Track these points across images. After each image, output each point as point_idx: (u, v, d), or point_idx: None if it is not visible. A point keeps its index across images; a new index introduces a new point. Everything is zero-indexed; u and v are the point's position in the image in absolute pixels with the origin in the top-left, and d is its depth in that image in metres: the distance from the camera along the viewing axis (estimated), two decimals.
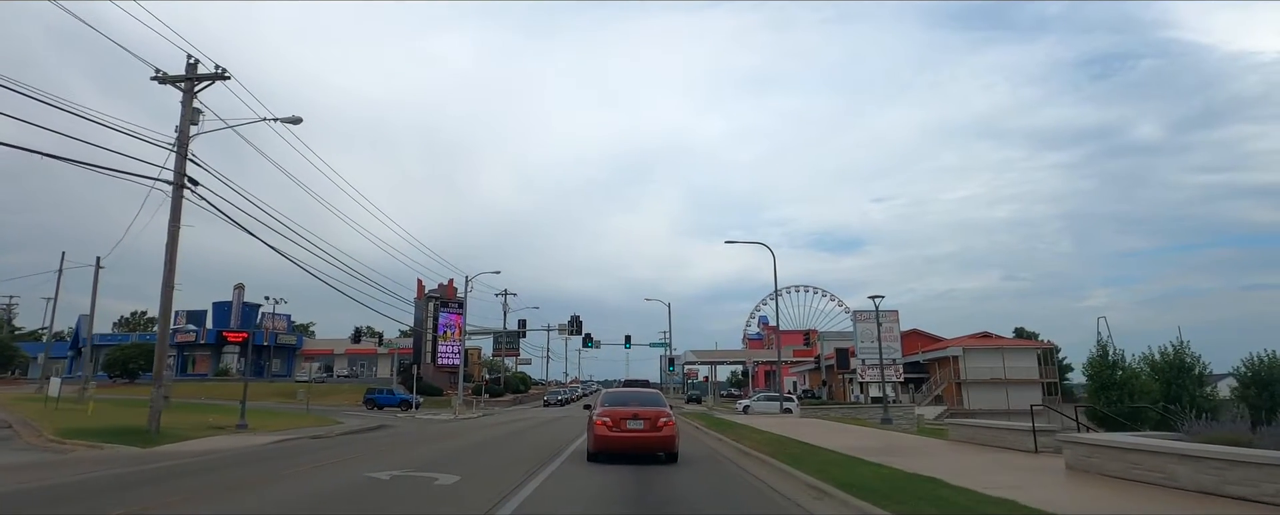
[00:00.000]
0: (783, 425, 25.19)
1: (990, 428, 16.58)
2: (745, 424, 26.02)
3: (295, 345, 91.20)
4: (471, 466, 13.74)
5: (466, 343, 74.61)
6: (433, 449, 18.77)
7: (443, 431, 28.39)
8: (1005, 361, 61.88)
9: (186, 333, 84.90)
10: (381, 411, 49.23)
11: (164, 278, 21.72)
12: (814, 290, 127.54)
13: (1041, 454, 13.62)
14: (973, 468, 11.57)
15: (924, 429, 28.41)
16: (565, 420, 35.00)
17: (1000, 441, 15.46)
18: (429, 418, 41.62)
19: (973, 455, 13.84)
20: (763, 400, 51.37)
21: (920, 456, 13.54)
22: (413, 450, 18.26)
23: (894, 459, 12.67)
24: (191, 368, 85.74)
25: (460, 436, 24.41)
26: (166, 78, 22.72)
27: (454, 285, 71.81)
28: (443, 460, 14.99)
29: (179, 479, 11.89)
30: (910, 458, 13.12)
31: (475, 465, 14.04)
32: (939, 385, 64.13)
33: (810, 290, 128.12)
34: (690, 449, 17.69)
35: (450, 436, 24.56)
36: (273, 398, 63.16)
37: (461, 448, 19.00)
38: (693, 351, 79.40)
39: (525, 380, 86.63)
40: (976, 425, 17.47)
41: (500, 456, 16.25)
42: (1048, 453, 13.66)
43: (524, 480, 11.50)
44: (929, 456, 13.64)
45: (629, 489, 10.79)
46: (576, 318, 44.62)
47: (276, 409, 44.45)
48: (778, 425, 25.05)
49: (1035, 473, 11.04)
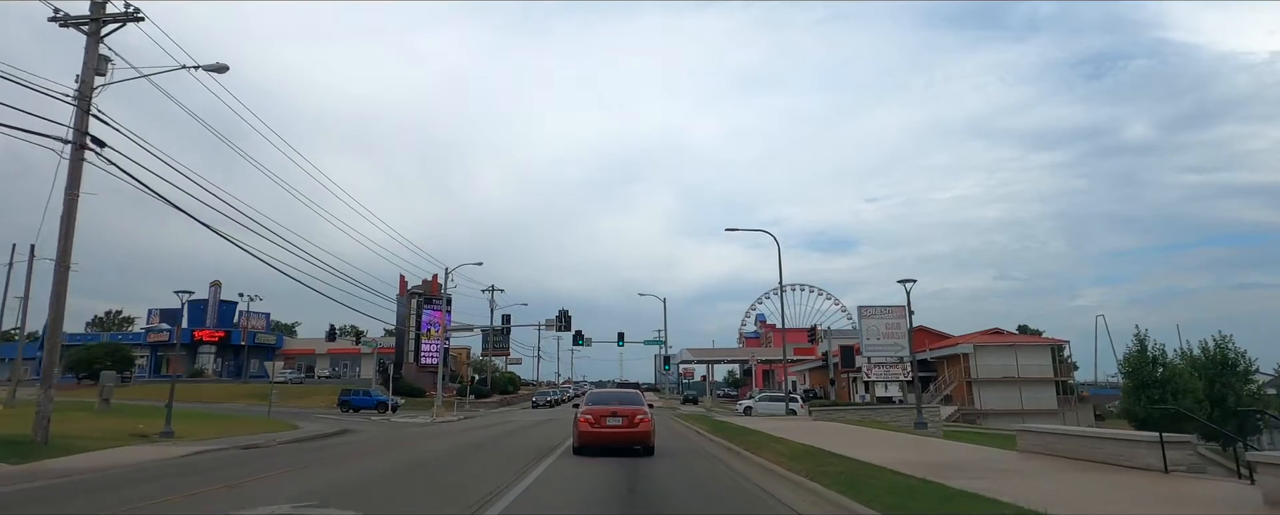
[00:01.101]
0: (800, 430, 21.63)
1: (1077, 437, 13.03)
2: (755, 428, 22.47)
3: (275, 345, 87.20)
4: (402, 494, 10.13)
5: (451, 341, 70.95)
6: (373, 464, 15.13)
7: (406, 438, 24.75)
8: (1018, 359, 58.51)
9: (159, 332, 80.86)
10: (356, 414, 45.56)
11: (57, 255, 18.00)
12: (811, 289, 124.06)
13: (1177, 475, 10.07)
14: (1120, 500, 8.03)
15: (971, 436, 24.79)
16: (550, 424, 31.40)
17: (1095, 455, 11.93)
18: (404, 421, 37.97)
19: (1085, 477, 10.26)
20: (765, 400, 47.83)
21: (1016, 478, 9.98)
22: (344, 467, 14.67)
23: (984, 483, 9.12)
24: (165, 369, 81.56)
25: (421, 445, 20.80)
26: (68, 19, 19.05)
27: (438, 281, 68.11)
28: (370, 483, 11.39)
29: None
30: (1004, 480, 9.57)
31: (408, 491, 10.43)
32: (949, 384, 60.70)
33: (808, 289, 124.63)
34: (702, 468, 14.12)
35: (409, 444, 20.96)
36: (243, 400, 59.36)
37: (411, 463, 15.35)
38: (689, 350, 75.80)
39: (514, 380, 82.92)
40: (1055, 433, 13.93)
41: (450, 478, 12.64)
42: (1182, 473, 10.14)
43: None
44: (1027, 478, 10.09)
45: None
46: (564, 312, 41.07)
47: (238, 412, 40.70)
48: (794, 430, 21.49)
49: (1232, 507, 7.48)
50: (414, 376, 66.35)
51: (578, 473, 12.85)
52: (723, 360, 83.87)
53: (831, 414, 26.21)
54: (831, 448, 14.97)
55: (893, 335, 60.51)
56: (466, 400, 60.44)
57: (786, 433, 20.09)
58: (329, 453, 18.63)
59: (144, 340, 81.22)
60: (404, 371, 66.48)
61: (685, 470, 13.24)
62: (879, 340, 59.19)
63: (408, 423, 36.72)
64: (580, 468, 13.63)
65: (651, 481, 11.50)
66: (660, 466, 13.82)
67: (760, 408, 46.70)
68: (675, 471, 12.92)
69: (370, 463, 15.62)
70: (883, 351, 56.61)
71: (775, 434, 19.52)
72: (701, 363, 79.65)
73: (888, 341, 58.54)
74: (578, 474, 12.64)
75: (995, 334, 62.09)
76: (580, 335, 56.53)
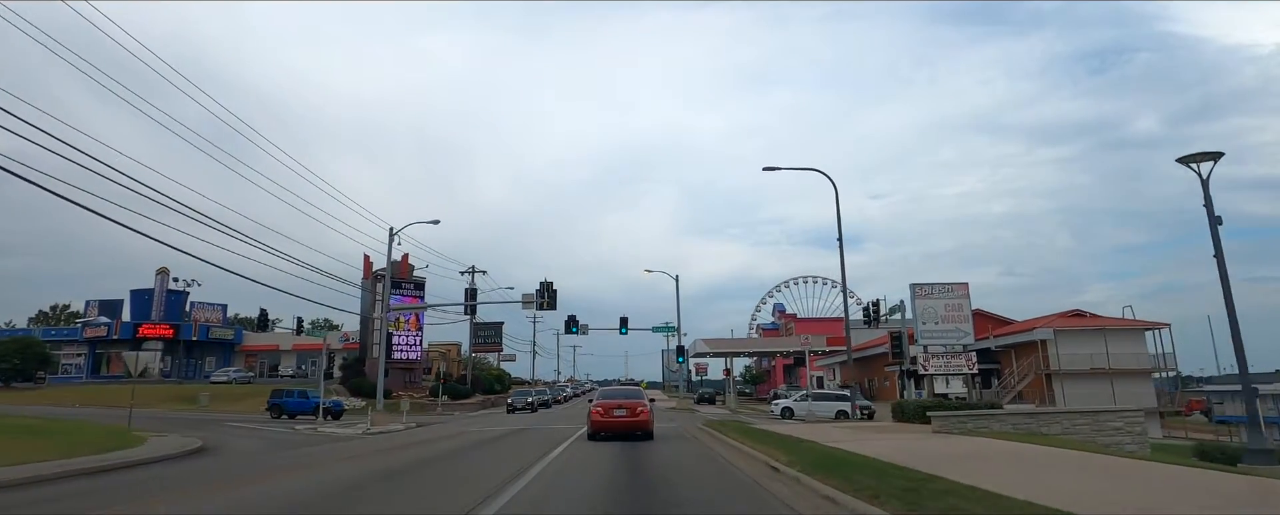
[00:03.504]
0: (947, 456, 11.46)
1: None
2: (860, 453, 12.31)
3: (233, 341, 77.22)
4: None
5: (424, 333, 60.81)
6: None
7: (275, 467, 14.83)
8: (1108, 346, 48.17)
9: (96, 326, 70.84)
10: (286, 420, 35.59)
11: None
12: (823, 281, 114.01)
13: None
14: None
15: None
16: (516, 438, 21.52)
17: None
18: (329, 433, 28.01)
19: None
20: (815, 400, 37.70)
21: None
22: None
23: None
24: (106, 368, 71.52)
25: (272, 481, 10.83)
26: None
27: (408, 262, 58.00)
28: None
29: None
30: None
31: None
32: (1021, 377, 50.32)
33: (820, 281, 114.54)
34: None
35: (257, 480, 11.04)
36: (166, 404, 49.34)
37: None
38: (703, 340, 65.44)
39: (502, 378, 72.71)
40: None
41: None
42: None
43: None
44: None
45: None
46: (548, 286, 30.98)
47: (108, 419, 30.65)
48: (938, 457, 11.31)
49: None
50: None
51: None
52: (744, 352, 73.43)
53: (964, 423, 16.13)
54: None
55: (954, 318, 49.87)
56: (439, 402, 50.39)
57: (957, 472, 9.90)
58: (101, 495, 8.70)
59: (79, 336, 71.25)
60: (368, 369, 56.43)
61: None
62: (937, 324, 48.88)
63: (330, 435, 26.75)
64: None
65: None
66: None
67: (806, 409, 36.61)
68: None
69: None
70: (942, 338, 46.54)
71: (927, 470, 9.36)
72: (718, 356, 69.20)
73: (948, 326, 48.29)
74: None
75: (1077, 316, 51.70)
76: (574, 322, 46.47)
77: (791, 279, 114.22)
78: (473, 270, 55.10)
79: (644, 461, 14.05)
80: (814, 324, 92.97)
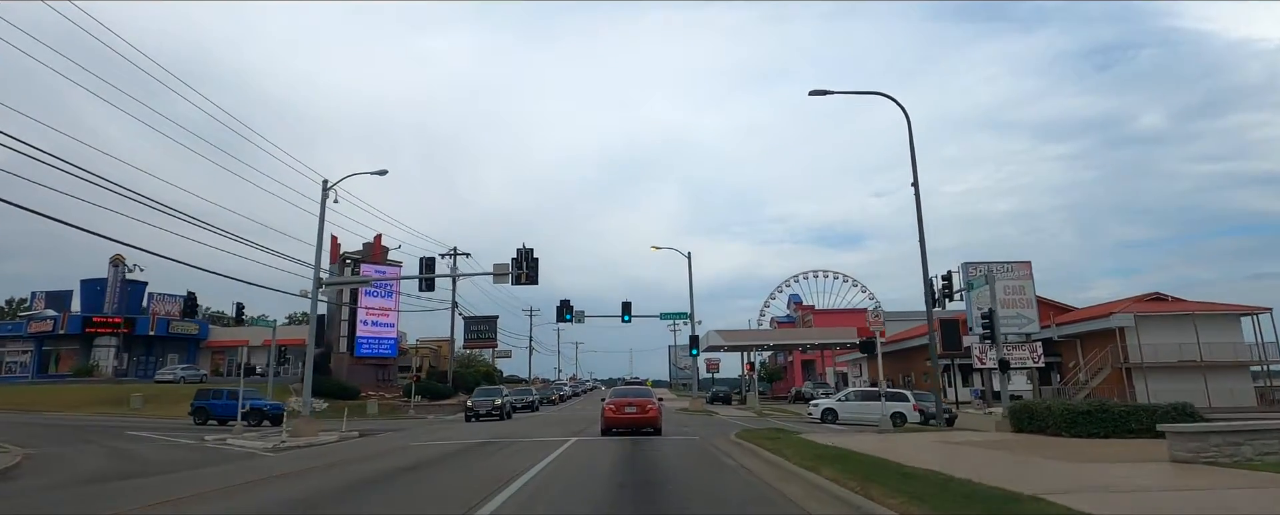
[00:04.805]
0: None
1: None
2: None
3: (198, 335, 69.89)
4: None
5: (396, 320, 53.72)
6: None
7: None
8: (1199, 335, 40.80)
9: (42, 320, 63.77)
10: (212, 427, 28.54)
11: None
12: (836, 276, 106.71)
13: None
14: None
15: None
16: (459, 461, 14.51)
17: None
18: (238, 445, 20.98)
19: None
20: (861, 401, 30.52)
21: None
22: None
23: None
24: (56, 366, 64.41)
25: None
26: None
27: (381, 242, 50.86)
28: None
29: None
30: None
31: None
32: (1094, 372, 42.95)
33: (833, 276, 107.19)
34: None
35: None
36: (92, 407, 42.23)
37: None
38: (717, 331, 58.09)
39: (492, 376, 65.40)
40: None
41: None
42: None
43: None
44: None
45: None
46: (527, 253, 23.77)
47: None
48: None
49: None
50: (348, 371, 49.20)
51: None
52: (763, 344, 65.97)
53: (1237, 446, 9.20)
54: None
55: (1016, 302, 42.74)
56: (412, 403, 43.29)
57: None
58: None
59: (24, 331, 64.19)
60: (334, 365, 49.36)
61: None
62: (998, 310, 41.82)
63: (226, 451, 19.71)
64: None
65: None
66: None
67: (854, 411, 29.41)
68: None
69: None
70: (1002, 326, 39.45)
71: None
72: (733, 349, 61.80)
73: (1008, 312, 41.16)
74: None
75: (1157, 300, 44.31)
76: (568, 308, 39.34)
77: (802, 273, 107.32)
78: (454, 252, 47.90)
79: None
80: (834, 316, 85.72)
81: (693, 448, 16.60)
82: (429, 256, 25.45)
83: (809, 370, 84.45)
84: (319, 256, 23.61)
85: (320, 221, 23.85)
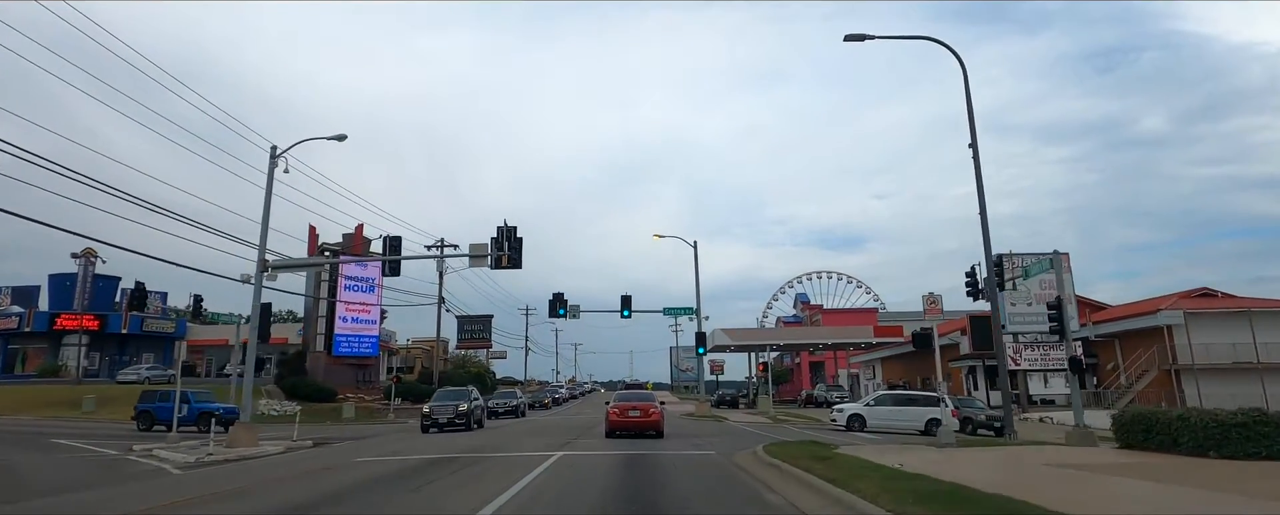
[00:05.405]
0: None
1: None
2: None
3: (174, 333, 66.11)
4: None
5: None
6: None
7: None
8: (1255, 333, 37.19)
9: (7, 317, 60.14)
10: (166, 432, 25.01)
11: None
12: (840, 277, 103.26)
13: None
14: None
15: None
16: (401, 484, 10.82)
17: None
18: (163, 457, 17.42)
19: None
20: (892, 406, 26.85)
21: None
22: None
23: None
24: (22, 365, 60.75)
25: None
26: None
27: (363, 232, 47.25)
28: None
29: None
30: None
31: None
32: (1138, 375, 39.29)
33: (837, 277, 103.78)
34: None
35: None
36: (41, 409, 38.61)
37: None
38: (723, 329, 54.43)
39: (483, 377, 61.72)
40: None
41: None
42: None
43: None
44: None
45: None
46: (511, 231, 20.18)
47: None
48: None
49: None
50: (325, 371, 45.58)
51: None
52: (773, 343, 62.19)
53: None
54: None
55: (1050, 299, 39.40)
56: (392, 406, 39.70)
57: None
58: None
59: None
60: (310, 364, 45.76)
61: None
62: (1029, 306, 38.22)
63: (139, 468, 16.11)
64: None
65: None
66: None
67: (884, 418, 25.78)
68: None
69: None
70: (1036, 324, 35.97)
71: None
72: (740, 349, 58.15)
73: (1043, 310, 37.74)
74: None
75: (1206, 296, 40.65)
76: (562, 302, 35.75)
77: (805, 274, 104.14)
78: (440, 243, 44.31)
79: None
80: (843, 316, 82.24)
81: (711, 469, 12.98)
82: (395, 236, 21.78)
83: (817, 372, 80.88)
84: (264, 235, 20.01)
85: (267, 192, 20.27)
